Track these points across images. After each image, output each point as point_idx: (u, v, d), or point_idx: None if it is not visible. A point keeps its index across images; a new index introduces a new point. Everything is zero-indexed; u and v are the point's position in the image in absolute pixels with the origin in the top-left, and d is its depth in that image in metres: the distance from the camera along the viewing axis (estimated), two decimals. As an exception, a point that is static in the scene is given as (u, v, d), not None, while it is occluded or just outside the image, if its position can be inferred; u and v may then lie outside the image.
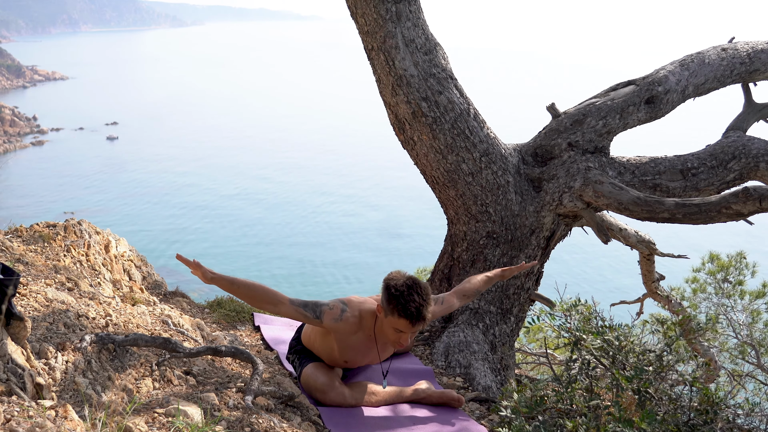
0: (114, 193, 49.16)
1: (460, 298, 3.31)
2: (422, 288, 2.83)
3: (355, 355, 3.06)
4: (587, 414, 2.09)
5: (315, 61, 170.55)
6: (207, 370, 2.90)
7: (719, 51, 4.37)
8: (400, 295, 2.80)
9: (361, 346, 3.03)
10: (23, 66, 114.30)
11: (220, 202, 47.45)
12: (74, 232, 4.35)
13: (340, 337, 3.00)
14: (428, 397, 3.17)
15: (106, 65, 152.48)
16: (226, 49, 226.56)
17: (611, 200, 3.77)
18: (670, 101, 4.18)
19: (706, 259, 7.05)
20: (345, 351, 3.04)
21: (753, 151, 4.00)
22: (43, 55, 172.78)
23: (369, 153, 59.69)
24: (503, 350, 4.02)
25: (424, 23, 3.83)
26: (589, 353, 2.42)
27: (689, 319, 2.90)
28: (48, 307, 2.83)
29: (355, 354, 3.06)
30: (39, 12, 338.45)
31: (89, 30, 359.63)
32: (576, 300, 2.72)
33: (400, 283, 2.83)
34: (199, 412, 2.21)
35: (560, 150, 4.08)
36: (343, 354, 3.05)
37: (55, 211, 41.25)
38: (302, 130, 73.26)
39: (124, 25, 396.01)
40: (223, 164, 57.82)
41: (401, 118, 3.90)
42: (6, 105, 74.82)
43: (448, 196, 4.05)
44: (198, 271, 2.79)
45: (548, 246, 4.17)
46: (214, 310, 4.54)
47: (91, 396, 2.17)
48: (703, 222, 3.57)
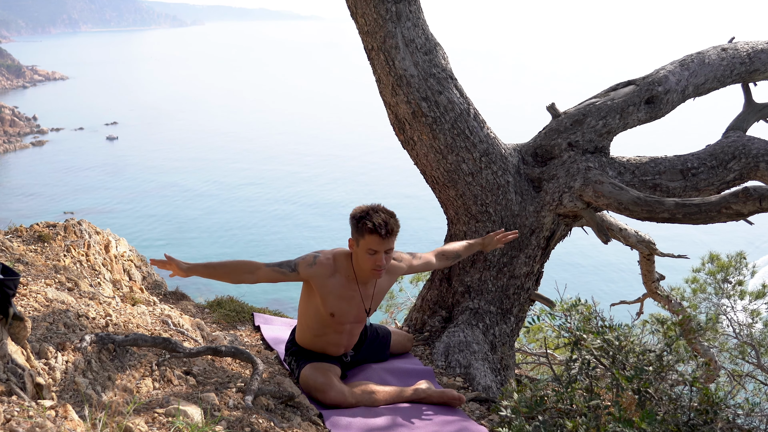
0: (114, 193, 49.14)
1: (440, 258, 3.42)
2: (384, 207, 3.01)
3: (339, 302, 3.08)
4: (587, 414, 2.09)
5: (315, 61, 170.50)
6: (207, 370, 2.90)
7: (719, 51, 4.37)
8: (365, 215, 2.97)
9: (342, 289, 3.08)
10: (23, 66, 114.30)
11: (221, 202, 47.44)
12: (74, 232, 4.35)
13: (320, 283, 3.05)
14: (428, 396, 3.18)
15: (106, 65, 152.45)
16: (226, 49, 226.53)
17: (611, 200, 3.77)
18: (670, 101, 4.18)
19: (706, 260, 7.05)
20: (328, 300, 3.07)
21: (753, 151, 4.00)
22: (43, 55, 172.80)
23: (369, 153, 59.69)
24: (503, 350, 4.02)
25: (424, 23, 3.83)
26: (589, 353, 2.42)
27: (689, 319, 2.90)
28: (48, 307, 2.83)
29: (339, 300, 3.08)
30: (39, 12, 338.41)
31: (89, 30, 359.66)
32: (576, 300, 2.72)
33: (363, 208, 3.03)
34: (199, 412, 2.21)
35: (560, 150, 4.08)
36: (328, 304, 3.07)
37: (55, 211, 41.25)
38: (302, 130, 73.19)
39: (124, 25, 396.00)
40: (223, 164, 57.80)
41: (401, 118, 3.91)
42: (6, 105, 74.82)
43: (448, 196, 4.05)
44: (173, 266, 2.86)
45: (548, 246, 4.17)
46: (214, 310, 4.54)
47: (91, 396, 2.17)
48: (703, 222, 3.57)
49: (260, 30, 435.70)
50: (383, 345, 3.66)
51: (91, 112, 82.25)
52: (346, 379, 3.30)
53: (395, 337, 3.78)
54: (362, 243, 2.97)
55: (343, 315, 3.13)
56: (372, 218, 2.94)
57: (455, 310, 4.11)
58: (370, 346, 3.56)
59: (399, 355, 3.80)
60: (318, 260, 3.06)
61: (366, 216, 2.96)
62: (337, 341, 3.24)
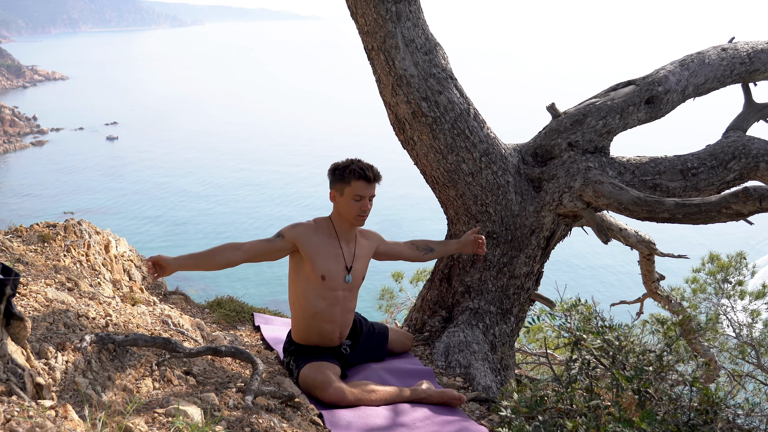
0: (114, 193, 49.13)
1: (410, 246, 3.57)
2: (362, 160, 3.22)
3: (326, 259, 3.18)
4: (587, 414, 2.09)
5: (315, 62, 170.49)
6: (207, 370, 2.90)
7: (719, 51, 4.37)
8: (347, 164, 3.17)
9: (326, 246, 3.20)
10: (23, 66, 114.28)
11: (221, 202, 47.44)
12: (74, 232, 4.35)
13: (306, 241, 3.16)
14: (428, 396, 3.18)
15: (106, 65, 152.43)
16: (226, 49, 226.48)
17: (611, 200, 3.77)
18: (670, 101, 4.18)
19: (706, 260, 7.05)
20: (317, 260, 3.16)
21: (753, 151, 3.99)
22: (43, 55, 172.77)
23: (368, 153, 59.64)
24: (503, 350, 4.02)
25: (424, 23, 3.83)
26: (589, 353, 2.42)
27: (689, 319, 2.90)
28: (48, 307, 2.83)
29: (326, 258, 3.18)
30: (39, 12, 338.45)
31: (89, 30, 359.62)
32: (576, 300, 2.72)
33: (343, 160, 3.21)
34: (199, 412, 2.21)
35: (560, 150, 4.08)
36: (318, 266, 3.16)
37: (55, 211, 41.23)
38: (302, 130, 73.17)
39: (124, 25, 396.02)
40: (224, 164, 57.80)
41: (401, 118, 3.91)
42: (6, 105, 74.80)
43: (448, 196, 4.05)
44: (158, 267, 2.91)
45: (548, 246, 4.17)
46: (214, 310, 4.54)
47: (91, 396, 2.17)
48: (703, 222, 3.57)
49: (260, 30, 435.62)
50: (381, 339, 3.67)
51: (91, 112, 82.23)
52: (346, 379, 3.30)
53: (394, 335, 3.78)
54: (348, 191, 3.14)
55: (332, 277, 3.20)
56: (356, 164, 3.16)
57: (455, 310, 4.11)
58: (368, 341, 3.57)
59: (399, 354, 3.80)
60: (299, 223, 3.24)
61: (351, 164, 3.16)
62: (331, 318, 3.26)
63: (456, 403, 3.18)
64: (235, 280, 29.98)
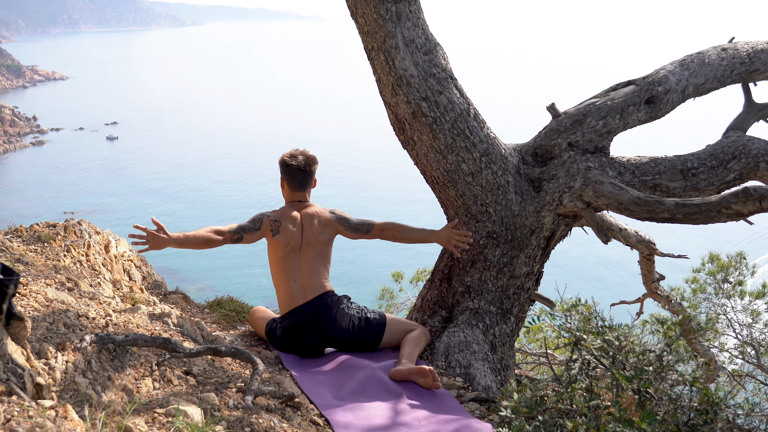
0: (114, 193, 49.12)
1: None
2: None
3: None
4: (587, 414, 2.09)
5: (315, 62, 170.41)
6: (207, 370, 2.90)
7: (719, 51, 4.37)
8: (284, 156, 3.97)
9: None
10: (23, 66, 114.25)
11: (221, 202, 47.43)
12: (74, 232, 4.35)
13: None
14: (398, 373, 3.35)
15: (106, 65, 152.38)
16: (226, 49, 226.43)
17: (611, 200, 3.77)
18: (670, 101, 4.18)
19: (706, 260, 7.05)
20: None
21: (753, 151, 3.99)
22: (43, 55, 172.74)
23: (368, 152, 59.69)
24: (503, 350, 4.02)
25: (424, 23, 3.82)
26: (589, 353, 2.42)
27: (689, 319, 2.90)
28: (48, 307, 2.83)
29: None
30: (39, 12, 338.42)
31: (89, 30, 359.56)
32: (576, 300, 2.72)
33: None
34: (199, 412, 2.21)
35: (560, 150, 4.08)
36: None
37: (55, 211, 41.23)
38: (303, 130, 73.17)
39: (124, 25, 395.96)
40: (224, 164, 57.79)
41: (401, 118, 3.91)
42: (6, 105, 74.79)
43: (448, 196, 4.05)
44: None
45: (548, 246, 4.17)
46: (214, 310, 4.54)
47: (91, 396, 2.17)
48: (703, 222, 3.57)
49: (260, 30, 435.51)
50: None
51: (91, 112, 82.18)
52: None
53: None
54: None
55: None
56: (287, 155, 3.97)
57: (455, 310, 4.11)
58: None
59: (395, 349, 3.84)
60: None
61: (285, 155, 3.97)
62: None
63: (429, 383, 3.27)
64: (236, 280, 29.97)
